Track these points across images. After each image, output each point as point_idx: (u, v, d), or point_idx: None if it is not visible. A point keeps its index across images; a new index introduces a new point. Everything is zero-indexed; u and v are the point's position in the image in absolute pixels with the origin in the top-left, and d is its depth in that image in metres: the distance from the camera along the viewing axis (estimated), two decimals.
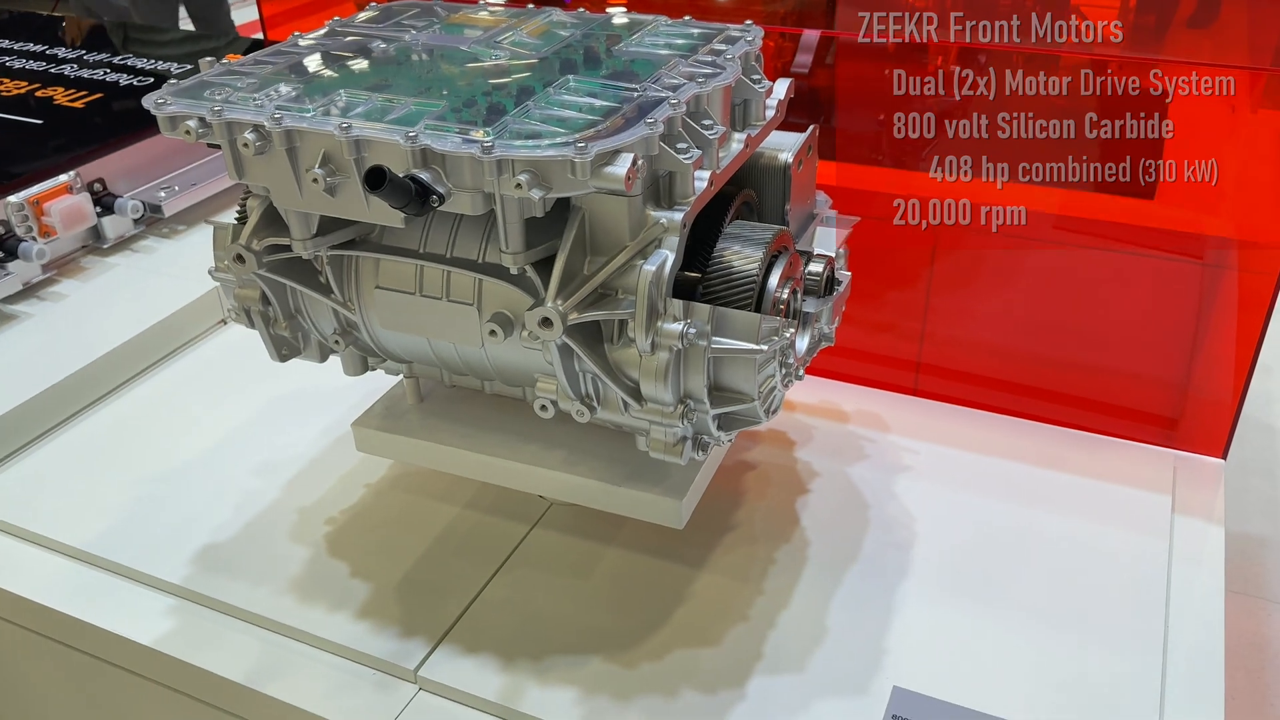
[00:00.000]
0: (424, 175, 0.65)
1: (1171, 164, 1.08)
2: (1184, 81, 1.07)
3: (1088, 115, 1.14)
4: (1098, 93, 1.13)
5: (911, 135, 1.15)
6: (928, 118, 1.15)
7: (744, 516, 0.95)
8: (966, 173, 1.13)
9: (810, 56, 1.13)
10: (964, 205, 1.10)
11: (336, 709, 0.79)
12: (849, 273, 0.88)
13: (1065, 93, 1.14)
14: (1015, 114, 1.18)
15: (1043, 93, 1.15)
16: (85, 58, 1.64)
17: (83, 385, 1.13)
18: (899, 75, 1.13)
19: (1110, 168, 1.14)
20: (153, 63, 1.62)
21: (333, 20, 0.87)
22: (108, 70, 1.59)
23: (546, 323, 0.67)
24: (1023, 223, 1.08)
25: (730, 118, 0.78)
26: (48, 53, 1.67)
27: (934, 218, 1.09)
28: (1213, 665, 0.81)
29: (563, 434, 0.84)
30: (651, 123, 0.66)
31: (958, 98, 1.14)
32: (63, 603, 0.89)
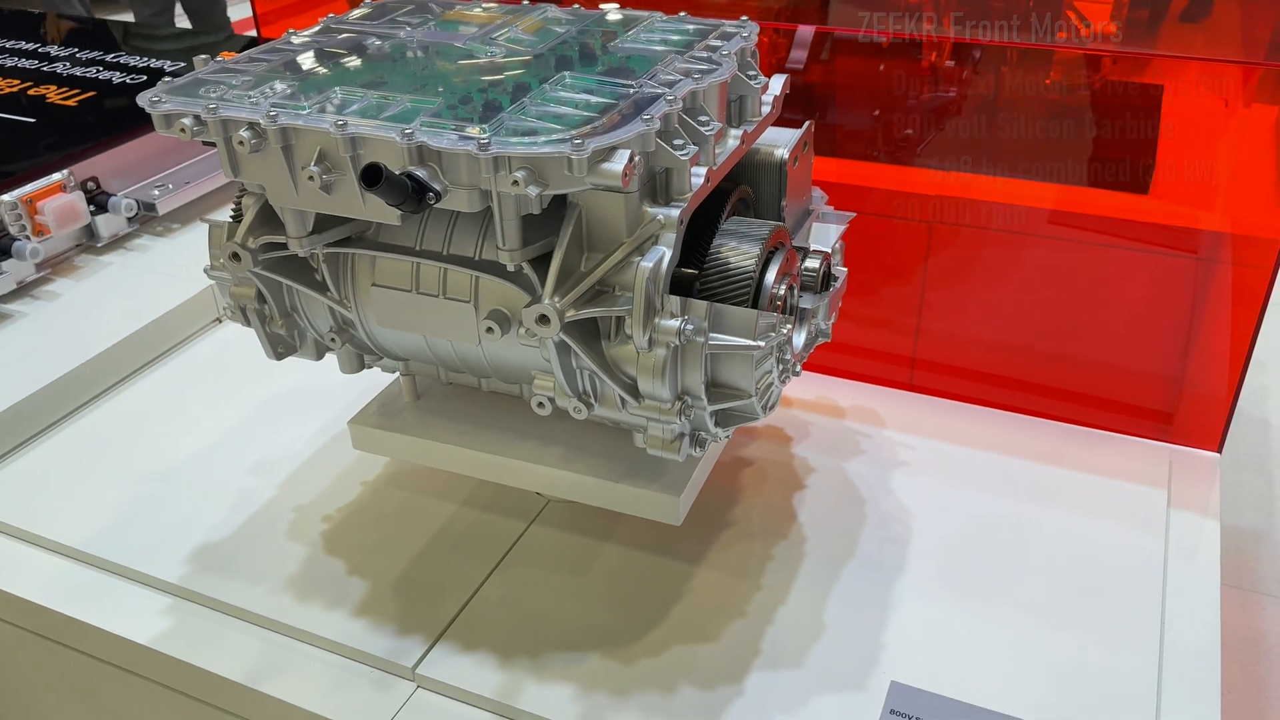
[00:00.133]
0: (420, 172, 0.65)
1: (1166, 159, 1.08)
2: (1177, 76, 1.08)
3: (1082, 110, 1.14)
4: (1092, 88, 1.13)
5: (906, 131, 1.16)
6: (922, 113, 1.15)
7: (741, 513, 0.95)
8: (961, 168, 1.13)
9: (805, 52, 1.13)
10: (958, 201, 1.10)
11: (334, 707, 0.79)
12: (845, 268, 0.88)
13: (1059, 87, 1.14)
14: (1009, 109, 1.18)
15: (1037, 88, 1.15)
16: (78, 55, 1.63)
17: (78, 384, 1.12)
18: (893, 71, 1.13)
19: (1105, 163, 1.14)
20: (145, 60, 1.62)
21: (327, 17, 0.87)
22: (100, 68, 1.58)
23: (544, 320, 0.67)
24: (1018, 218, 1.08)
25: (726, 114, 0.78)
26: (40, 51, 1.67)
27: (929, 213, 1.10)
28: (1209, 659, 0.81)
29: (560, 431, 0.84)
30: (648, 119, 0.66)
31: (952, 93, 1.15)
32: (60, 603, 0.89)
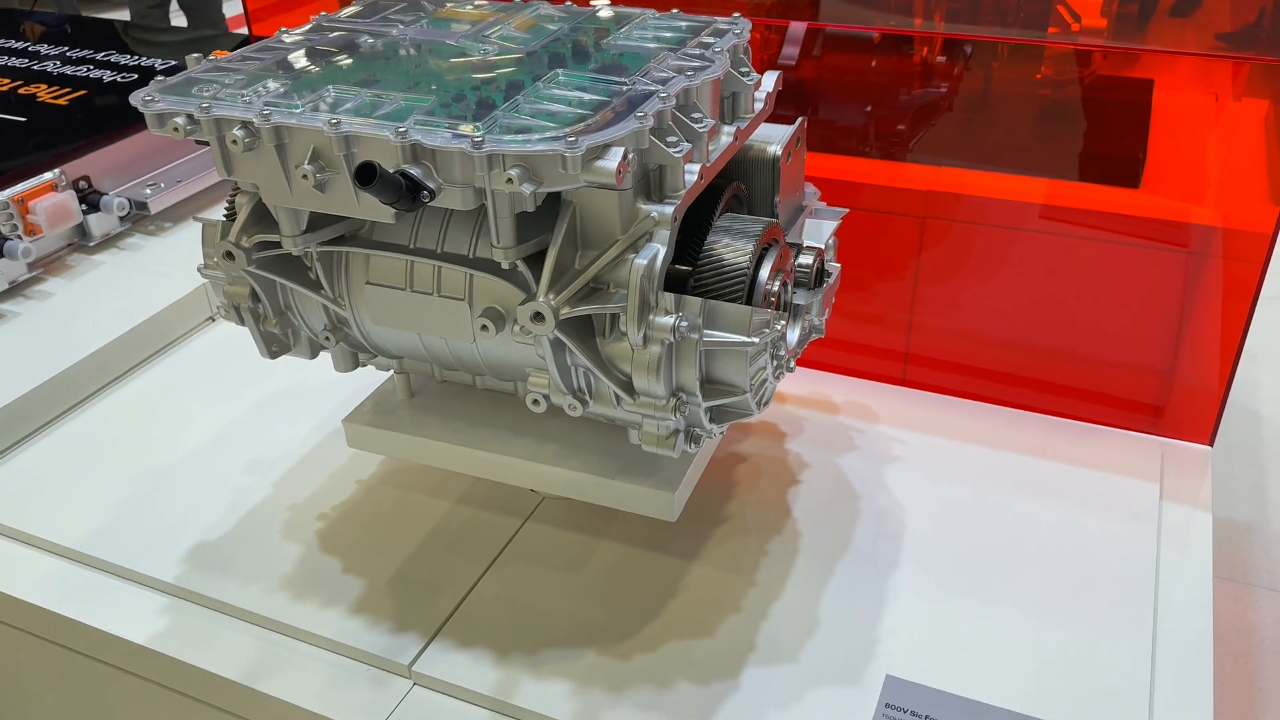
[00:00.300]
0: (414, 171, 0.65)
1: (1156, 153, 1.08)
2: (1168, 70, 1.08)
3: (1073, 105, 1.15)
4: (1083, 82, 1.13)
5: (898, 126, 1.16)
6: (914, 109, 1.15)
7: (736, 508, 0.96)
8: (952, 163, 1.13)
9: (797, 48, 1.13)
10: (950, 196, 1.10)
11: (331, 705, 0.79)
12: (838, 264, 0.89)
13: (1050, 82, 1.14)
14: (1000, 104, 1.18)
15: (1028, 83, 1.15)
16: (68, 54, 1.63)
17: (71, 384, 1.12)
18: (884, 67, 1.14)
19: (1095, 157, 1.14)
20: (136, 58, 1.61)
21: (319, 15, 0.87)
22: (91, 67, 1.58)
23: (539, 317, 0.67)
24: (1009, 213, 1.08)
25: (719, 110, 0.78)
26: (30, 49, 1.66)
27: (921, 209, 1.10)
28: (1201, 651, 0.82)
29: (555, 428, 0.84)
30: (641, 116, 0.66)
31: (943, 89, 1.15)
32: (55, 603, 0.89)
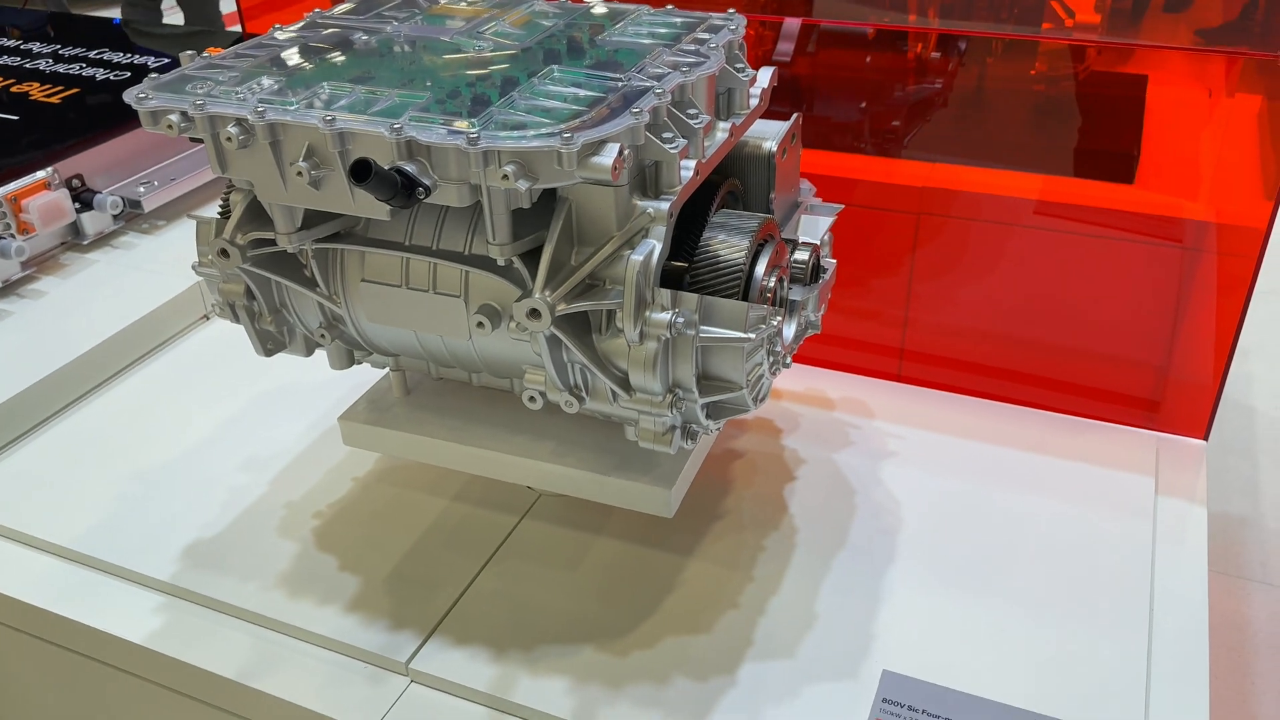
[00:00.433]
0: (409, 167, 0.65)
1: (1150, 149, 1.08)
2: (1161, 66, 1.08)
3: (1067, 101, 1.15)
4: (1077, 78, 1.14)
5: (893, 122, 1.16)
6: (908, 105, 1.15)
7: (732, 504, 0.96)
8: (947, 160, 1.13)
9: (792, 45, 1.13)
10: (945, 192, 1.10)
11: (329, 703, 0.79)
12: (834, 260, 0.89)
13: (1044, 78, 1.15)
14: (995, 100, 1.18)
15: (1022, 79, 1.16)
16: (60, 52, 1.62)
17: (65, 383, 1.12)
18: (879, 63, 1.14)
19: (1090, 153, 1.14)
20: (129, 56, 1.61)
21: (313, 12, 0.87)
22: (83, 65, 1.57)
23: (535, 314, 0.67)
24: (1004, 209, 1.09)
25: (714, 107, 0.78)
26: (22, 48, 1.66)
27: (916, 205, 1.10)
28: (1197, 644, 0.82)
29: (551, 425, 0.84)
30: (637, 112, 0.66)
31: (937, 85, 1.15)
32: (51, 602, 0.89)
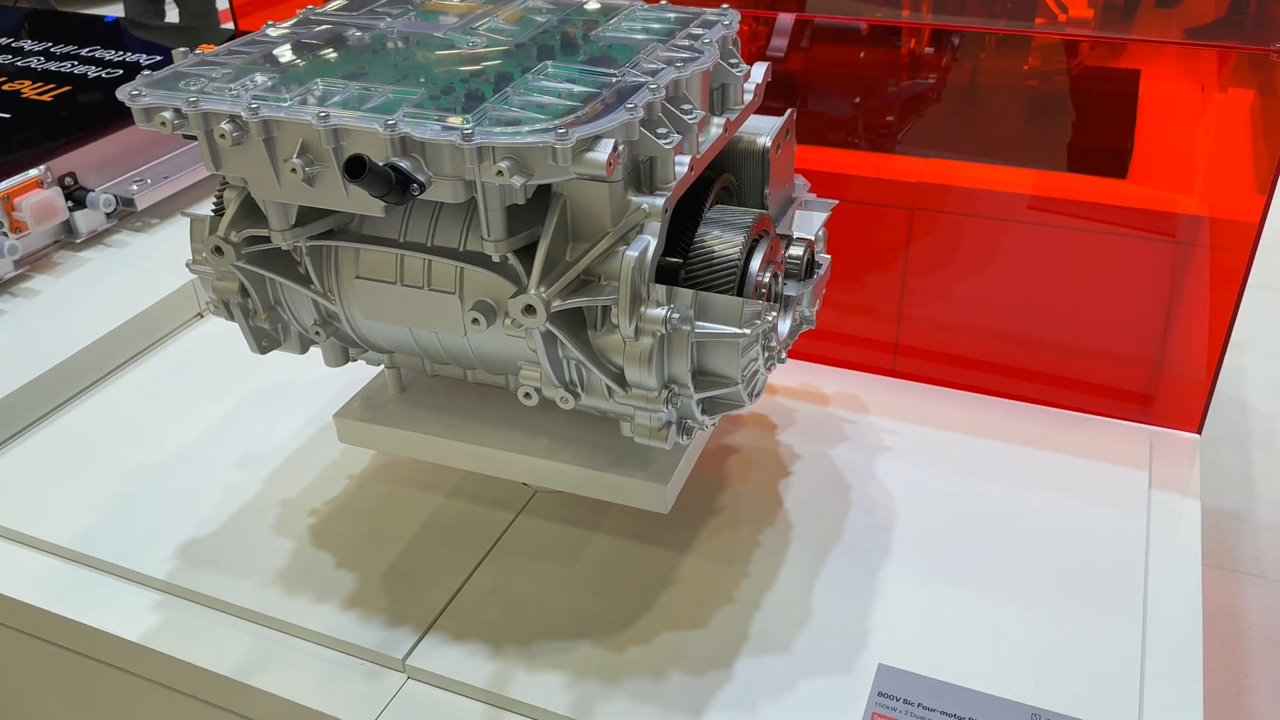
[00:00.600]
0: (404, 164, 0.65)
1: (1143, 143, 1.09)
2: (1154, 61, 1.08)
3: (1060, 96, 1.15)
4: (1070, 73, 1.14)
5: (887, 118, 1.16)
6: (902, 100, 1.15)
7: (728, 500, 0.96)
8: (941, 155, 1.14)
9: (785, 40, 1.13)
10: (939, 187, 1.10)
11: (326, 700, 0.79)
12: (828, 256, 0.89)
13: (1037, 73, 1.15)
14: (988, 95, 1.18)
15: (1015, 74, 1.16)
16: (52, 50, 1.62)
17: (59, 381, 1.12)
18: (872, 58, 1.14)
19: (1083, 148, 1.15)
20: (120, 54, 1.60)
21: (306, 9, 0.87)
22: (75, 62, 1.57)
23: (530, 310, 0.67)
24: (997, 204, 1.09)
25: (709, 102, 0.78)
26: (13, 45, 1.65)
27: (910, 200, 1.10)
28: (1191, 637, 0.82)
29: (547, 421, 0.84)
30: (631, 108, 0.66)
31: (931, 80, 1.15)
32: (48, 601, 0.88)
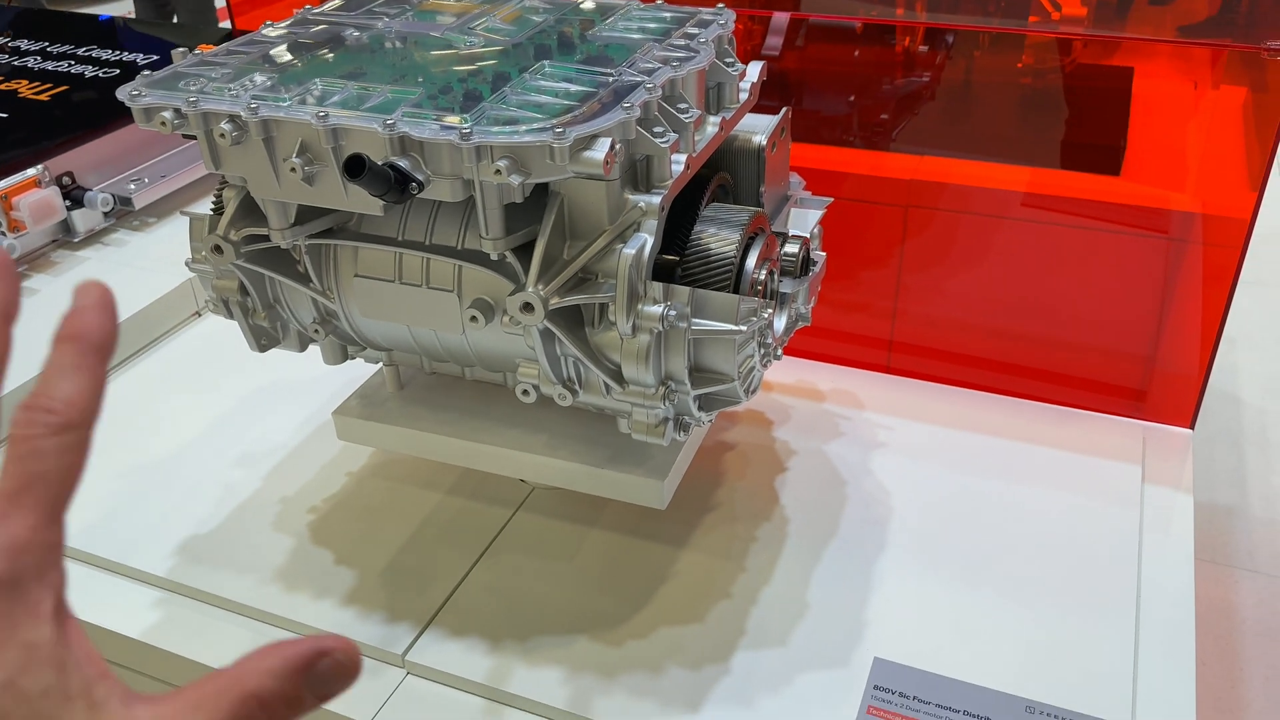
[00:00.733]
0: (403, 163, 0.65)
1: (1136, 141, 1.09)
2: (1147, 58, 1.09)
3: (1054, 93, 1.16)
4: (1063, 71, 1.14)
5: (881, 116, 1.17)
6: (896, 98, 1.16)
7: (725, 496, 0.96)
8: (935, 152, 1.14)
9: (781, 39, 1.14)
10: (933, 185, 1.11)
11: None
12: (824, 253, 0.90)
13: (1031, 71, 1.15)
14: (982, 93, 1.19)
15: (1009, 72, 1.16)
16: (48, 50, 1.62)
17: None
18: (867, 57, 1.14)
19: (1076, 145, 1.15)
20: (117, 53, 1.60)
21: (303, 9, 0.87)
22: (72, 62, 1.57)
23: (528, 308, 0.68)
24: (991, 201, 1.09)
25: (705, 101, 0.78)
26: (10, 45, 1.65)
27: (905, 198, 1.11)
28: (1183, 631, 0.83)
29: (545, 418, 0.85)
30: (628, 107, 0.66)
31: (925, 78, 1.16)
32: None
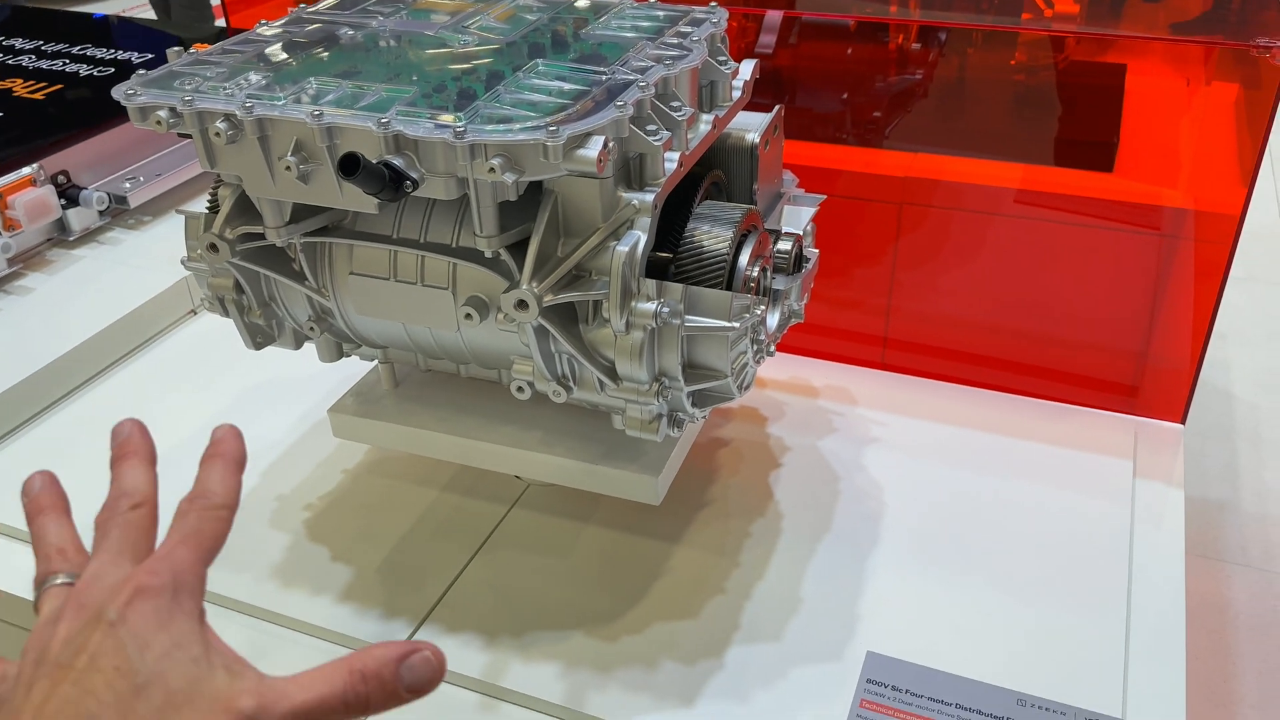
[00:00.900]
0: (397, 161, 0.66)
1: (1129, 137, 1.10)
2: (1140, 55, 1.10)
3: (1047, 90, 1.16)
4: (1056, 68, 1.15)
5: (874, 113, 1.17)
6: (890, 95, 1.16)
7: (718, 492, 0.97)
8: (928, 150, 1.15)
9: (774, 37, 1.14)
10: (926, 182, 1.12)
11: None
12: (817, 250, 0.90)
13: (1024, 68, 1.16)
14: (975, 91, 1.19)
15: (1002, 69, 1.17)
16: (43, 48, 1.62)
17: (52, 379, 1.12)
18: (860, 54, 1.15)
19: (1069, 142, 1.16)
20: (111, 52, 1.61)
21: (298, 8, 0.87)
22: (67, 60, 1.57)
23: (522, 305, 0.68)
24: (985, 198, 1.10)
25: (698, 99, 0.79)
26: (4, 43, 1.65)
27: (898, 195, 1.11)
28: (1174, 626, 0.84)
29: (539, 415, 0.85)
30: (621, 105, 0.67)
31: (918, 76, 1.16)
32: None
